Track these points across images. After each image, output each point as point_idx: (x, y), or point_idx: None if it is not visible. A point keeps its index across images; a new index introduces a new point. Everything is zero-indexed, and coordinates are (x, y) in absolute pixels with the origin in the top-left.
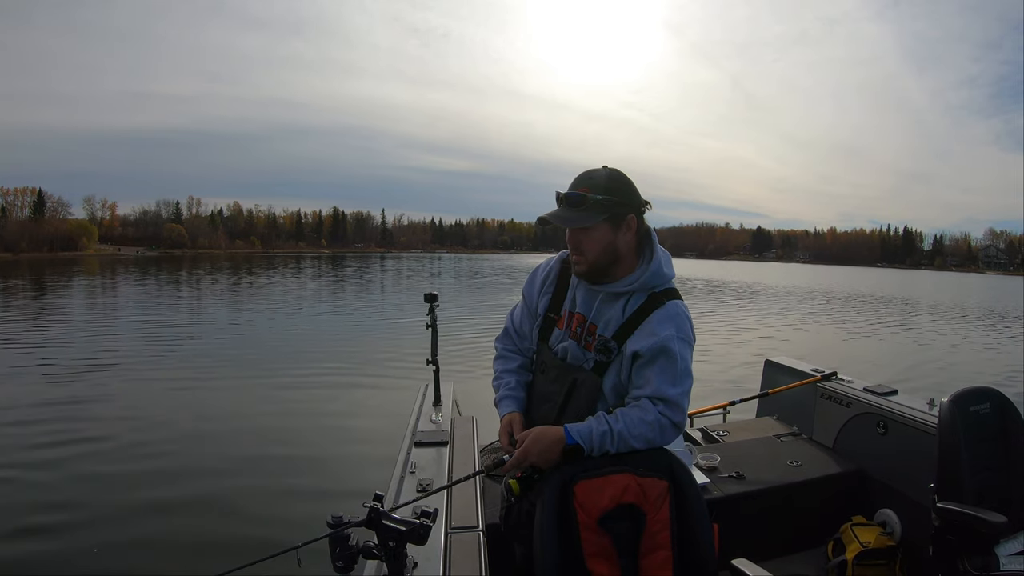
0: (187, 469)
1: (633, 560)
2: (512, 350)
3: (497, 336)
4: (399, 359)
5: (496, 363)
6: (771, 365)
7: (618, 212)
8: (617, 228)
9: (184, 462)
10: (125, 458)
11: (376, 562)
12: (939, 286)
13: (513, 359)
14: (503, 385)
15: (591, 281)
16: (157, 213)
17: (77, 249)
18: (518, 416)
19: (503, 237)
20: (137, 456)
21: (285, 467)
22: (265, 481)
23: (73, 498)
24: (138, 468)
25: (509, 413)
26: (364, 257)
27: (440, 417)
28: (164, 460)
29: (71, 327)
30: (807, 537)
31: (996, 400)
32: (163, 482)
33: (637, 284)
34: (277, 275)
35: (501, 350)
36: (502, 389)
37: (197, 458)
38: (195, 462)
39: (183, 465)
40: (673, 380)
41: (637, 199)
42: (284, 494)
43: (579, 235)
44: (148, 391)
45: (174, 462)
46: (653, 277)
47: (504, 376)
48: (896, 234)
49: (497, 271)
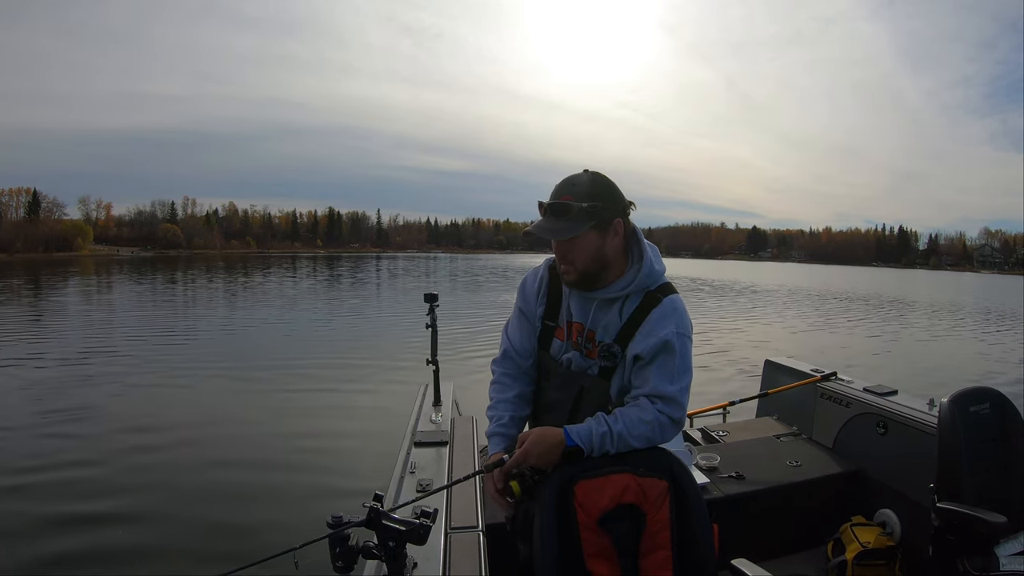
0: (186, 470)
1: (633, 560)
2: (511, 374)
3: (495, 359)
4: (399, 359)
5: (492, 390)
6: (771, 365)
7: (604, 217)
8: (604, 234)
9: (183, 463)
10: (123, 459)
11: (376, 562)
12: (935, 285)
13: (510, 387)
14: (495, 420)
15: (583, 289)
16: (152, 213)
17: (72, 250)
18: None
19: (499, 237)
20: (135, 457)
21: (285, 467)
22: (265, 481)
23: (71, 501)
24: (136, 469)
25: (496, 455)
26: (360, 257)
27: (440, 417)
28: (163, 460)
29: (66, 327)
30: (807, 537)
31: (996, 400)
32: (162, 482)
33: (632, 287)
34: (273, 276)
35: (499, 375)
36: (494, 424)
37: (196, 459)
38: (194, 463)
39: (182, 466)
40: (671, 377)
41: (622, 201)
42: (284, 494)
43: (566, 245)
44: (145, 392)
45: (173, 462)
46: (646, 277)
47: (498, 407)
48: (891, 234)
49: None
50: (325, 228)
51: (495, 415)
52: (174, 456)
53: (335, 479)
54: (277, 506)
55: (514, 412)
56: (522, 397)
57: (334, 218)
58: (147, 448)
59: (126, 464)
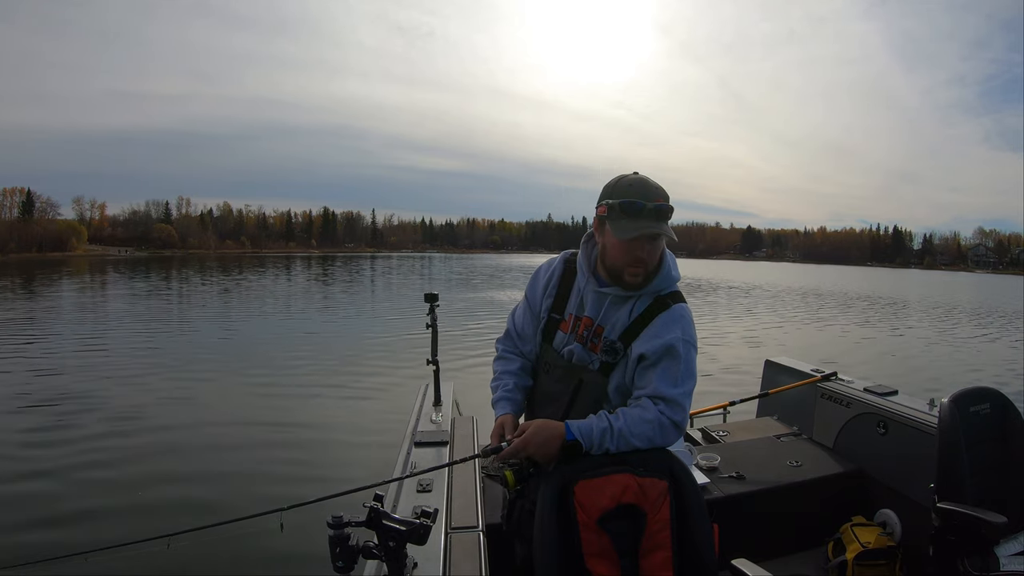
0: (185, 470)
1: (633, 560)
2: (513, 352)
3: (498, 337)
4: (399, 359)
5: (496, 364)
6: (771, 365)
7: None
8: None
9: (182, 463)
10: (121, 459)
11: (376, 562)
12: (931, 285)
13: (513, 361)
14: (501, 387)
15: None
16: (147, 213)
17: (66, 250)
18: (511, 418)
19: (493, 237)
20: (133, 457)
21: (285, 467)
22: (264, 481)
23: (68, 504)
24: (135, 469)
25: (503, 415)
26: (354, 257)
27: (440, 417)
28: (162, 460)
29: (62, 326)
30: (807, 537)
31: (996, 400)
32: (161, 482)
33: (649, 288)
34: (269, 275)
35: (502, 351)
36: (500, 390)
37: (195, 459)
38: (193, 463)
39: (181, 466)
40: (675, 380)
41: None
42: (284, 494)
43: (653, 247)
44: (143, 392)
45: (172, 462)
46: (662, 281)
47: (503, 377)
48: (886, 233)
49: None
50: (320, 228)
51: (500, 383)
52: (172, 456)
53: (335, 479)
54: (277, 506)
55: (518, 381)
56: (525, 369)
57: (329, 218)
58: (144, 448)
59: (123, 464)
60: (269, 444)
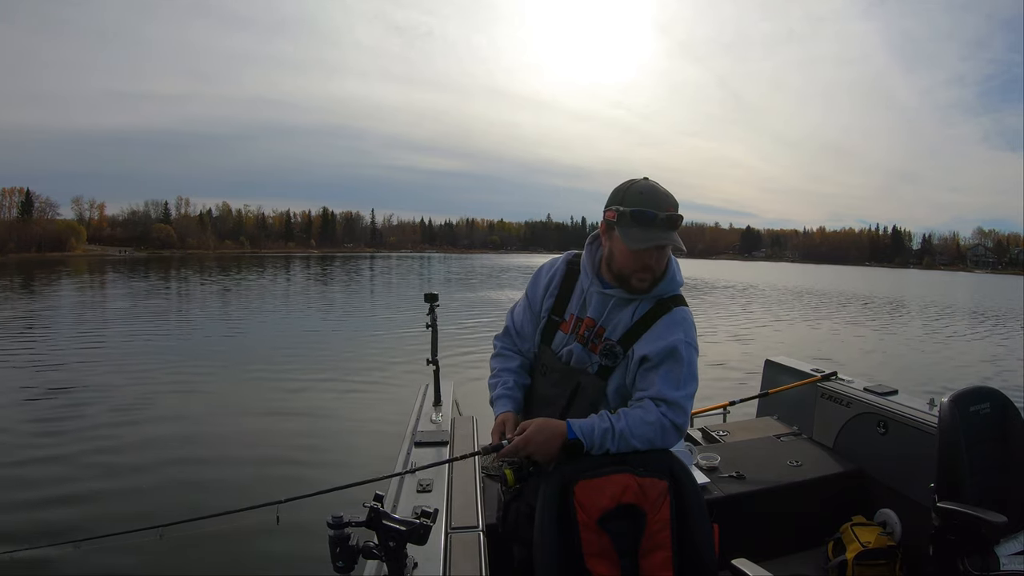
0: (185, 470)
1: (633, 560)
2: (511, 349)
3: (496, 334)
4: (399, 359)
5: (494, 361)
6: (771, 365)
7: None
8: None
9: (182, 463)
10: (121, 460)
11: (376, 562)
12: (931, 285)
13: (512, 358)
14: (500, 384)
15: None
16: (146, 213)
17: (65, 250)
18: (512, 416)
19: (492, 237)
20: (132, 457)
21: (285, 467)
22: (264, 481)
23: (61, 493)
24: (133, 470)
25: (504, 412)
26: (354, 257)
27: (440, 417)
28: (161, 460)
29: (60, 325)
30: (807, 537)
31: (996, 400)
32: (160, 482)
33: (656, 291)
34: (268, 275)
35: (500, 348)
36: (499, 388)
37: (195, 459)
38: (193, 463)
39: (181, 466)
40: (677, 383)
41: None
42: (283, 494)
43: (660, 255)
44: (143, 392)
45: (172, 462)
46: (666, 284)
47: (503, 374)
48: (885, 233)
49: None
50: (319, 228)
51: (500, 381)
52: (172, 455)
53: (335, 479)
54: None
55: (518, 379)
56: (524, 367)
57: (328, 218)
58: (144, 448)
59: (122, 464)
60: (268, 444)
